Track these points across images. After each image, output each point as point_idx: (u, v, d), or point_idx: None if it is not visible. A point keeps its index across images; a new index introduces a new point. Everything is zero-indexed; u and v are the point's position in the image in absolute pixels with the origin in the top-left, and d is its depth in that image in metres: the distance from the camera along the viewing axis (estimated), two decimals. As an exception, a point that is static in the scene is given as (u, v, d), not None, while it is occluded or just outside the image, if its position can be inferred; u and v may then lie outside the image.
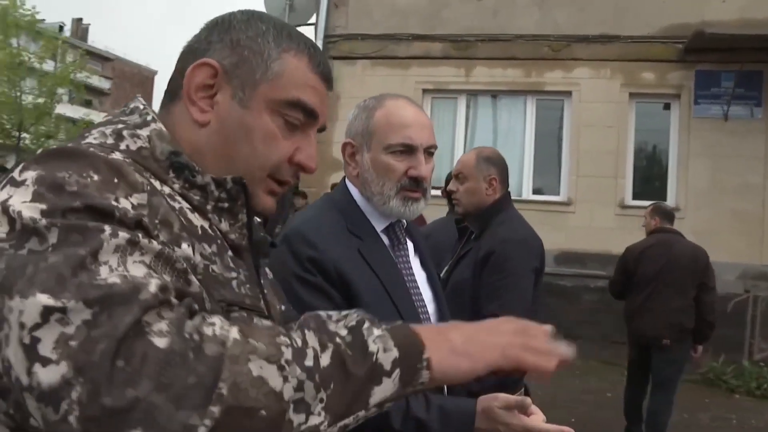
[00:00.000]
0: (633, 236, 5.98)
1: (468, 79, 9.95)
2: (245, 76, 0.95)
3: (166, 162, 0.89)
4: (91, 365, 0.62)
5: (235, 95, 0.95)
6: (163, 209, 0.80)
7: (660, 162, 9.67)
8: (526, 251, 2.78)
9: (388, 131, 1.69)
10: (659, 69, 9.26)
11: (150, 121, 0.92)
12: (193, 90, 0.95)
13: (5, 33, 19.94)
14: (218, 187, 0.92)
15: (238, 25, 0.97)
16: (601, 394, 6.81)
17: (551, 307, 8.97)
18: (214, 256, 0.88)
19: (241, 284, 0.92)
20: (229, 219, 0.95)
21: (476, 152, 3.02)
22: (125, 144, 0.87)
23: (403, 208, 1.68)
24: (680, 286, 4.96)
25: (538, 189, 9.87)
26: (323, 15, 10.23)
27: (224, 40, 0.96)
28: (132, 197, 0.76)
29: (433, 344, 0.83)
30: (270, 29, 0.98)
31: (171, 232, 0.79)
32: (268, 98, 0.95)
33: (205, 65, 0.94)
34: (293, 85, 0.97)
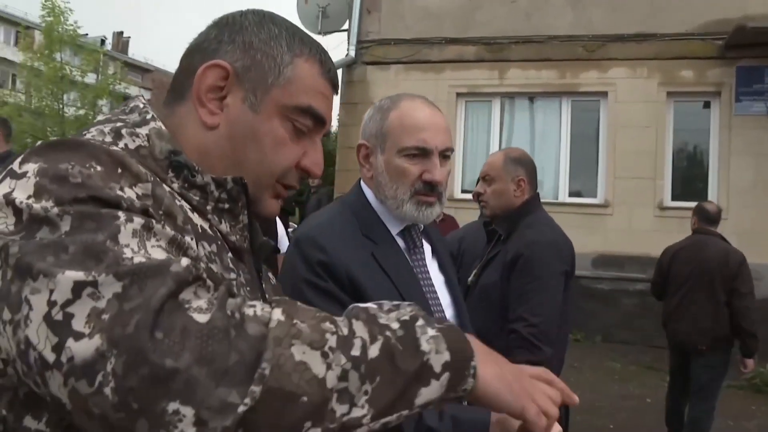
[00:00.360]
0: (672, 238, 5.83)
1: (502, 82, 9.87)
2: (257, 80, 0.93)
3: (165, 161, 0.87)
4: (128, 337, 0.61)
5: (247, 99, 0.93)
6: (167, 200, 0.78)
7: (700, 162, 9.45)
8: (554, 254, 2.72)
9: (402, 134, 1.65)
10: (698, 66, 9.06)
11: (149, 119, 0.90)
12: (203, 91, 0.93)
13: (50, 48, 20.52)
14: (218, 187, 0.90)
15: (250, 27, 0.95)
16: (641, 399, 6.64)
17: (589, 311, 8.84)
18: (213, 255, 0.86)
19: (241, 286, 0.90)
20: (229, 220, 0.93)
21: (504, 153, 2.97)
22: (124, 142, 0.85)
23: (416, 212, 1.64)
24: (710, 290, 4.78)
25: (575, 191, 9.73)
26: (356, 21, 10.27)
27: (236, 42, 0.94)
28: (136, 187, 0.75)
29: (482, 356, 0.83)
30: (283, 33, 0.96)
31: (175, 225, 0.77)
32: (280, 103, 0.94)
33: (217, 66, 0.92)
34: (304, 91, 0.95)
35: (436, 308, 1.67)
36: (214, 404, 0.62)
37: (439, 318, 0.78)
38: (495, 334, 2.70)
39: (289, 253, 1.63)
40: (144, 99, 0.96)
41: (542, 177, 9.53)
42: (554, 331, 2.64)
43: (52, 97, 20.79)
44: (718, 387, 4.84)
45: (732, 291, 4.68)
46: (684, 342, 4.96)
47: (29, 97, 23.55)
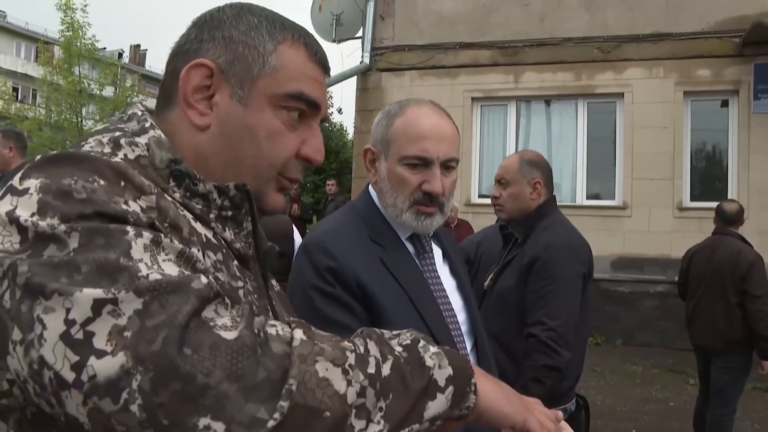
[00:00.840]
0: (692, 239, 5.77)
1: (517, 86, 9.85)
2: (243, 73, 0.91)
3: (165, 170, 0.85)
4: (155, 354, 0.61)
5: (234, 94, 0.91)
6: (172, 212, 0.77)
7: (719, 161, 9.35)
8: (572, 257, 2.69)
9: (404, 142, 1.63)
10: (715, 65, 8.98)
11: (148, 128, 0.88)
12: (189, 93, 0.90)
13: (69, 62, 20.77)
14: (221, 194, 0.89)
15: (228, 21, 0.93)
16: (663, 403, 6.56)
17: (609, 314, 8.76)
18: (220, 264, 0.85)
19: (248, 294, 0.89)
20: (233, 228, 0.92)
21: (519, 156, 2.95)
22: (123, 153, 0.83)
23: (415, 222, 1.63)
24: (722, 291, 4.72)
25: (593, 194, 9.67)
26: (370, 28, 10.30)
27: (216, 38, 0.92)
28: (140, 200, 0.73)
29: (480, 375, 0.87)
30: (263, 21, 0.94)
31: (181, 237, 0.76)
32: (269, 93, 0.91)
33: (200, 66, 0.90)
34: (293, 77, 0.93)
35: (447, 312, 1.66)
36: (243, 420, 0.62)
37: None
38: (513, 338, 2.68)
39: (297, 258, 1.62)
40: (142, 106, 0.94)
41: (559, 180, 9.50)
42: (573, 334, 2.62)
43: (71, 111, 20.98)
44: (738, 390, 4.75)
45: (743, 293, 4.61)
46: (702, 344, 4.92)
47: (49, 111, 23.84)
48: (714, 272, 4.78)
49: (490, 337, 1.90)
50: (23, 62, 42.64)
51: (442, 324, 1.61)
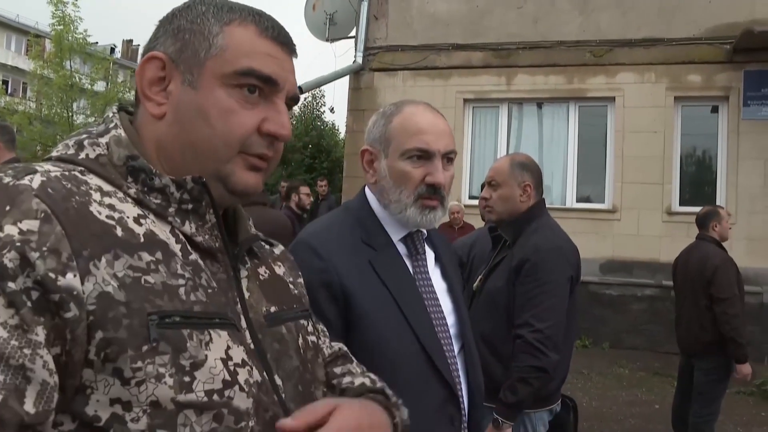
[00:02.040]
0: (681, 243, 5.82)
1: (509, 88, 9.88)
2: (191, 59, 0.93)
3: (123, 167, 0.89)
4: None
5: (185, 80, 0.93)
6: (54, 237, 0.76)
7: (708, 166, 9.42)
8: (560, 259, 2.71)
9: (404, 137, 1.66)
10: (706, 71, 9.04)
11: (111, 128, 0.93)
12: (146, 86, 0.94)
13: (60, 56, 20.61)
14: (179, 188, 0.90)
15: (179, 14, 0.97)
16: (649, 406, 6.61)
17: (597, 317, 8.81)
18: (155, 264, 0.84)
19: (193, 290, 0.87)
20: (195, 221, 0.92)
21: (510, 158, 2.97)
22: (85, 153, 0.89)
23: (420, 216, 1.65)
24: (693, 295, 4.82)
25: (583, 197, 9.72)
26: (363, 27, 10.31)
27: (168, 31, 0.96)
28: (21, 223, 0.74)
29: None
30: (210, 8, 0.96)
31: (57, 261, 0.75)
32: (218, 73, 0.93)
33: (152, 59, 0.94)
34: (242, 54, 0.93)
35: (435, 315, 1.66)
36: None
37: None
38: (501, 339, 2.70)
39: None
40: (115, 109, 0.98)
41: (550, 182, 9.54)
42: (560, 336, 2.64)
43: (62, 105, 20.82)
44: (719, 392, 4.79)
45: (711, 296, 4.68)
46: (683, 347, 5.02)
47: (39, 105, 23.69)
48: (688, 277, 4.89)
49: (478, 338, 1.91)
50: (13, 55, 42.35)
51: (428, 327, 1.62)
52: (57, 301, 0.73)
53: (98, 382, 0.76)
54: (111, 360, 0.76)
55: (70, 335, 0.74)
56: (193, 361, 0.81)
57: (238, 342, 0.89)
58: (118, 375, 0.76)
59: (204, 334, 0.84)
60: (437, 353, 1.60)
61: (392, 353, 1.54)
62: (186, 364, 0.80)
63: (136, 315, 0.79)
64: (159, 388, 0.78)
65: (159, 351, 0.79)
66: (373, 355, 1.53)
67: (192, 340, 0.82)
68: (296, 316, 1.07)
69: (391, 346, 1.55)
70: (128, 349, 0.77)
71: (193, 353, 0.82)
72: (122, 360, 0.76)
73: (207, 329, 0.85)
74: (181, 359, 0.80)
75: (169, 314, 0.81)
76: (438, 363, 1.59)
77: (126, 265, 0.81)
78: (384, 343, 1.54)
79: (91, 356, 0.75)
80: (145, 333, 0.78)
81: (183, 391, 0.79)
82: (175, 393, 0.79)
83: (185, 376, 0.80)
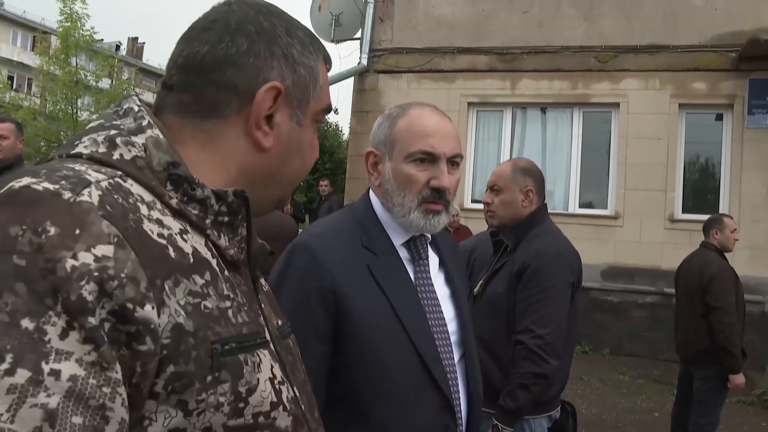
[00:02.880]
0: (683, 250, 5.80)
1: (514, 92, 9.87)
2: (301, 95, 0.93)
3: (163, 173, 0.81)
4: None
5: (294, 116, 0.93)
6: (130, 264, 0.69)
7: (712, 174, 9.40)
8: (561, 265, 2.71)
9: (409, 140, 1.64)
10: (711, 78, 9.02)
11: (146, 126, 0.84)
12: (261, 115, 0.90)
13: (66, 53, 20.66)
14: (218, 200, 0.85)
15: (282, 36, 0.93)
16: (648, 413, 6.59)
17: (598, 323, 8.79)
18: (206, 287, 0.79)
19: (238, 311, 0.84)
20: (228, 233, 0.88)
21: (512, 163, 2.96)
22: (119, 153, 0.80)
23: (423, 221, 1.62)
24: (690, 303, 4.82)
25: (586, 203, 9.70)
26: (368, 29, 10.30)
27: (276, 55, 0.91)
28: (95, 248, 0.67)
29: None
30: (305, 38, 0.95)
31: (136, 290, 0.69)
32: (313, 111, 0.95)
33: (274, 89, 0.90)
34: (326, 91, 0.97)
35: (435, 322, 1.64)
36: None
37: None
38: (501, 344, 2.69)
39: (282, 257, 1.62)
40: (138, 101, 0.90)
41: (553, 188, 9.53)
42: (561, 342, 2.63)
43: (66, 102, 20.85)
44: (718, 401, 4.78)
45: (706, 304, 4.67)
46: (681, 354, 5.02)
47: (44, 101, 23.72)
48: (686, 284, 4.90)
49: (478, 344, 1.89)
50: (20, 51, 42.45)
51: (426, 334, 1.59)
52: (132, 333, 0.68)
53: (158, 413, 0.71)
54: (177, 392, 0.72)
55: (140, 368, 0.69)
56: (248, 386, 0.79)
57: (274, 359, 0.88)
58: (181, 407, 0.72)
59: (254, 356, 0.83)
60: (434, 363, 1.58)
61: (387, 362, 1.52)
62: (243, 391, 0.78)
63: (201, 345, 0.75)
64: (216, 416, 0.75)
65: (221, 380, 0.76)
66: (367, 363, 1.52)
67: (247, 365, 0.80)
68: (291, 331, 1.06)
69: (387, 354, 1.53)
70: (196, 381, 0.73)
71: (248, 378, 0.80)
72: (189, 393, 0.73)
73: (255, 350, 0.83)
74: (239, 386, 0.78)
75: (226, 341, 0.78)
76: (435, 373, 1.57)
77: (186, 291, 0.76)
78: (379, 352, 1.52)
79: (157, 389, 0.71)
80: (209, 363, 0.75)
81: (234, 417, 0.77)
82: (227, 419, 0.76)
83: (240, 403, 0.78)
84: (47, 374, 0.60)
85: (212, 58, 0.89)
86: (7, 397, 0.58)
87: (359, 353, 1.51)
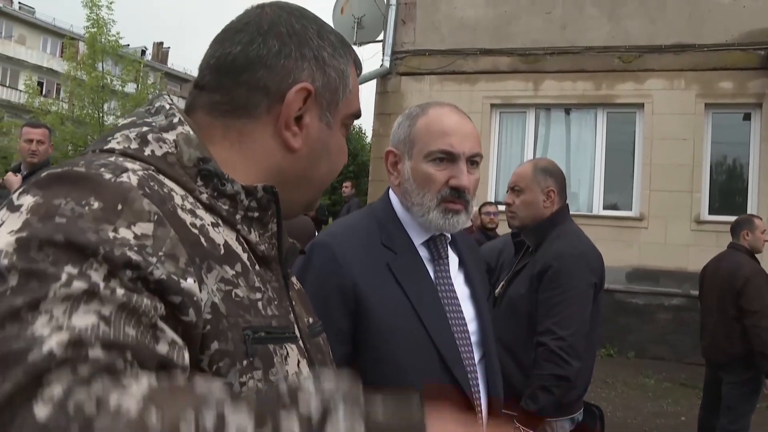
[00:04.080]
0: (710, 252, 5.72)
1: (537, 93, 9.81)
2: (331, 97, 0.94)
3: (193, 169, 0.83)
4: None
5: (323, 117, 0.93)
6: (170, 241, 0.71)
7: (740, 175, 9.25)
8: (583, 266, 2.68)
9: (428, 139, 1.64)
10: (738, 78, 8.89)
11: (176, 123, 0.86)
12: (291, 116, 0.91)
13: (93, 58, 20.99)
14: (248, 195, 0.86)
15: (313, 38, 0.94)
16: (675, 417, 6.50)
17: (623, 325, 8.69)
18: (237, 277, 0.81)
19: (268, 304, 0.85)
20: (258, 229, 0.89)
21: (533, 164, 2.95)
22: (150, 149, 0.82)
23: (442, 220, 1.62)
24: (721, 306, 4.70)
25: (610, 204, 9.61)
26: (391, 31, 10.31)
27: (307, 57, 0.92)
28: (135, 226, 0.69)
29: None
30: (336, 42, 0.96)
31: (176, 266, 0.70)
32: (343, 114, 0.96)
33: (304, 90, 0.91)
34: (355, 96, 0.97)
35: (457, 322, 1.64)
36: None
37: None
38: (522, 346, 2.68)
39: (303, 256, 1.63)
40: (169, 99, 0.91)
41: (577, 189, 9.46)
42: (582, 344, 2.61)
43: (93, 106, 21.19)
44: (749, 407, 4.69)
45: (740, 308, 4.56)
46: (709, 358, 4.91)
47: (71, 106, 24.09)
48: (716, 286, 4.79)
49: (498, 345, 1.88)
50: (49, 57, 43.18)
51: (446, 332, 1.59)
52: (177, 303, 0.69)
53: None
54: (222, 374, 0.74)
55: (182, 334, 0.69)
56: (278, 377, 0.80)
57: (301, 354, 0.89)
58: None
59: (283, 348, 0.84)
60: (455, 363, 1.57)
61: (407, 362, 1.52)
62: (274, 380, 0.79)
63: (235, 330, 0.77)
64: None
65: (255, 366, 0.78)
66: (386, 362, 1.51)
67: (276, 355, 0.82)
68: (322, 329, 1.06)
69: (407, 354, 1.52)
70: (237, 362, 0.75)
71: (278, 368, 0.81)
72: (232, 374, 0.74)
73: (284, 343, 0.85)
74: (270, 375, 0.79)
75: (256, 329, 0.80)
76: (456, 373, 1.56)
77: (218, 277, 0.78)
78: (399, 351, 1.52)
79: (203, 365, 0.72)
80: (244, 348, 0.77)
81: None
82: None
83: None
84: (102, 288, 0.63)
85: (244, 58, 0.90)
86: (62, 305, 0.60)
87: (378, 353, 1.51)
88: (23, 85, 30.64)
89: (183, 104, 0.96)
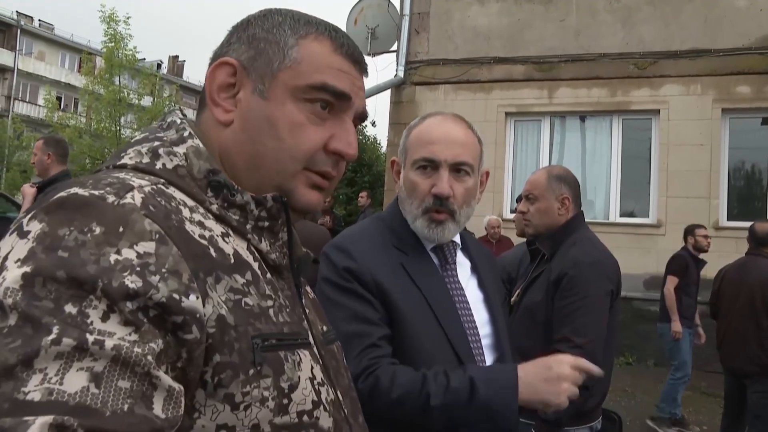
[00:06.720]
0: (729, 258, 5.66)
1: (551, 101, 9.79)
2: (263, 68, 0.92)
3: (204, 181, 0.86)
4: None
5: (256, 89, 0.92)
6: (172, 258, 0.73)
7: (758, 180, 9.16)
8: (599, 273, 2.66)
9: (416, 147, 1.67)
10: (755, 82, 8.80)
11: (187, 137, 0.89)
12: (215, 91, 0.93)
13: (110, 72, 21.26)
14: (258, 205, 0.89)
15: (255, 21, 0.96)
16: (697, 426, 6.42)
17: (642, 333, 8.60)
18: (247, 286, 0.82)
19: (280, 311, 0.87)
20: (269, 238, 0.91)
21: (546, 171, 2.94)
22: (161, 162, 0.85)
23: (427, 230, 1.63)
24: (752, 314, 4.63)
25: (627, 211, 9.54)
26: (404, 41, 10.35)
27: (242, 38, 0.94)
28: (138, 245, 0.70)
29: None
30: (287, 19, 0.95)
31: (179, 282, 0.72)
32: (290, 86, 0.91)
33: (224, 64, 0.92)
34: (315, 69, 0.92)
35: (468, 324, 1.64)
36: None
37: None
38: (539, 354, 2.65)
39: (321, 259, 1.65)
40: (181, 114, 0.95)
41: (593, 197, 9.40)
42: (600, 352, 2.58)
43: (110, 120, 21.43)
44: None
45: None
46: (734, 367, 4.82)
47: (89, 119, 24.38)
48: (745, 294, 4.71)
49: (515, 353, 1.88)
50: (67, 72, 43.73)
51: (459, 331, 1.60)
52: (179, 323, 0.71)
53: (207, 407, 0.74)
54: (224, 386, 0.75)
55: (186, 355, 0.71)
56: (290, 383, 0.81)
57: (315, 360, 0.90)
58: (228, 401, 0.75)
59: (295, 354, 0.85)
60: (469, 362, 1.58)
61: (426, 359, 1.52)
62: (285, 387, 0.81)
63: (243, 339, 0.78)
64: (262, 412, 0.77)
65: (263, 375, 0.78)
66: (405, 356, 1.52)
67: (287, 361, 0.82)
68: (336, 337, 1.07)
69: (426, 350, 1.54)
70: (240, 373, 0.76)
71: (289, 375, 0.82)
72: (234, 385, 0.76)
73: (296, 350, 0.86)
74: (281, 382, 0.80)
75: (267, 337, 0.81)
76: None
77: (227, 288, 0.79)
78: (418, 346, 1.53)
79: (206, 377, 0.74)
80: (251, 357, 0.78)
81: (280, 414, 0.79)
82: (273, 415, 0.79)
83: (284, 399, 0.80)
84: (92, 343, 0.63)
85: (211, 59, 0.97)
86: (55, 363, 0.61)
87: (399, 347, 1.52)
88: (42, 99, 31.08)
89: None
